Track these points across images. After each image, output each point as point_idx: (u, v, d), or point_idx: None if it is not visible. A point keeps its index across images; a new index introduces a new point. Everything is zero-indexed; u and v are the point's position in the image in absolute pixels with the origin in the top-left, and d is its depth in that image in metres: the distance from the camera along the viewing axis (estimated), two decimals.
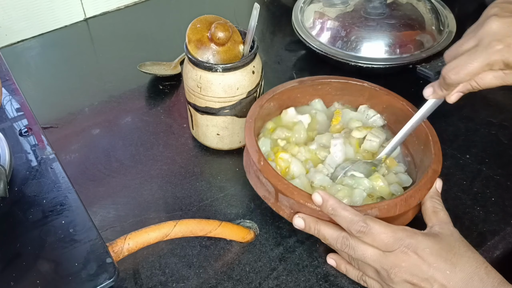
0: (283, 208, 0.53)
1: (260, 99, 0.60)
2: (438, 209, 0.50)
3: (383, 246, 0.45)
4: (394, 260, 0.45)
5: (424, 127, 0.57)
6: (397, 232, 0.46)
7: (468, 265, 0.44)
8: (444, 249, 0.45)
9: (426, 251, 0.45)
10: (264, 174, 0.52)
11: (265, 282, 0.53)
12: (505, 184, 0.63)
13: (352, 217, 0.46)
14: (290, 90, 0.63)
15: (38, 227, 0.48)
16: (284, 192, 0.50)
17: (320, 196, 0.48)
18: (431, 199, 0.51)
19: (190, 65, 0.61)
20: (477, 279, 0.43)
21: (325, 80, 0.64)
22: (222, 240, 0.57)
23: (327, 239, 0.49)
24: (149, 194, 0.62)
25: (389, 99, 0.62)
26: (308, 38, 0.80)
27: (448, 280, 0.44)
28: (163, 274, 0.54)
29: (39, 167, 0.54)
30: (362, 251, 0.47)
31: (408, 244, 0.45)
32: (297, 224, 0.51)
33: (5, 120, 0.60)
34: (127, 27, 0.94)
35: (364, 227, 0.46)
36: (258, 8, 0.58)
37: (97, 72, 0.84)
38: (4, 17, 0.85)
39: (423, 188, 0.51)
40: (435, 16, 0.82)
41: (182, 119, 0.73)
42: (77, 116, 0.74)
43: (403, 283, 0.45)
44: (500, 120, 0.72)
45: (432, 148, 0.55)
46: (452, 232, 0.48)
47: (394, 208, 0.49)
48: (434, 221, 0.49)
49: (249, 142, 0.55)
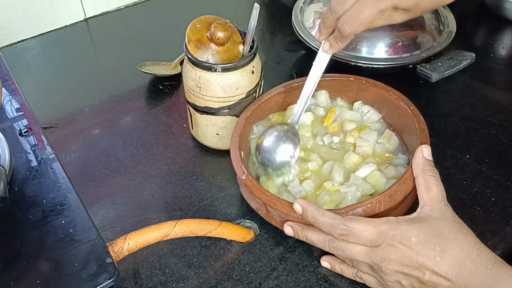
0: (274, 217, 0.54)
1: (246, 112, 0.61)
2: (431, 184, 0.48)
3: (368, 242, 0.45)
4: (382, 254, 0.45)
5: (412, 116, 0.56)
6: (380, 226, 0.45)
7: (458, 249, 0.43)
8: (432, 235, 0.44)
9: (412, 240, 0.44)
10: (249, 189, 0.53)
11: (265, 282, 0.53)
12: (505, 184, 0.63)
13: (331, 221, 0.47)
14: (276, 96, 0.63)
15: (38, 227, 0.48)
16: (268, 204, 0.52)
17: (300, 205, 0.49)
18: (423, 173, 0.49)
19: (189, 65, 0.61)
20: (470, 262, 0.43)
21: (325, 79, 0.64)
22: (222, 240, 0.57)
23: (315, 243, 0.50)
24: (149, 194, 0.62)
25: (376, 91, 0.62)
26: (308, 38, 0.80)
27: (440, 267, 0.43)
28: (163, 274, 0.54)
29: (39, 167, 0.54)
30: (350, 250, 0.47)
31: (393, 235, 0.44)
32: (287, 231, 0.52)
33: (5, 120, 0.60)
34: (127, 27, 0.94)
35: (345, 230, 0.46)
36: (258, 8, 0.58)
37: (97, 72, 0.84)
38: (4, 17, 0.85)
39: (408, 180, 0.50)
40: (435, 16, 0.82)
41: (182, 119, 0.73)
42: (77, 116, 0.74)
43: (396, 273, 0.45)
44: (500, 120, 0.72)
45: (419, 136, 0.54)
46: (443, 213, 0.46)
47: (378, 205, 0.49)
48: (426, 200, 0.48)
49: (234, 158, 0.56)
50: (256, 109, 0.61)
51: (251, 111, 0.61)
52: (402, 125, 0.59)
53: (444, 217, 0.46)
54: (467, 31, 0.90)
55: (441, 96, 0.76)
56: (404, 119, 0.58)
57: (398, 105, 0.58)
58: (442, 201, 0.48)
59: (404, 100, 0.58)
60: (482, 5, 0.94)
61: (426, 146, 0.51)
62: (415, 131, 0.55)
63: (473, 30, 0.92)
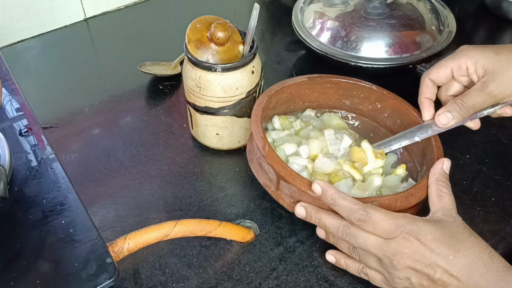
0: (283, 196, 0.53)
1: (269, 90, 0.60)
2: (443, 193, 0.49)
3: (384, 233, 0.45)
4: (397, 247, 0.45)
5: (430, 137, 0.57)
6: (398, 218, 0.45)
7: (471, 250, 0.44)
8: (446, 235, 0.45)
9: (428, 237, 0.44)
10: (268, 160, 0.52)
11: (265, 282, 0.53)
12: (505, 184, 0.63)
13: (351, 206, 0.46)
14: (298, 85, 0.63)
15: (38, 227, 0.48)
16: (286, 178, 0.50)
17: (320, 186, 0.48)
18: (437, 183, 0.50)
19: (189, 65, 0.61)
20: (481, 264, 0.43)
21: (334, 79, 0.64)
22: (222, 240, 0.57)
23: (328, 227, 0.49)
24: (149, 194, 0.62)
25: (394, 103, 0.61)
26: (308, 38, 0.80)
27: (452, 266, 0.43)
28: (163, 274, 0.54)
29: (39, 167, 0.54)
30: (364, 239, 0.46)
31: (410, 230, 0.45)
32: (299, 212, 0.51)
33: (5, 120, 0.60)
34: (127, 27, 0.94)
35: (364, 215, 0.45)
36: (258, 8, 0.58)
37: (97, 72, 0.84)
38: (4, 17, 0.85)
39: (424, 187, 0.51)
40: (435, 16, 0.82)
41: (182, 119, 0.73)
42: (77, 116, 0.74)
43: (407, 269, 0.45)
44: (500, 120, 0.71)
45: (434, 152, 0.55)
46: (455, 219, 0.47)
47: (394, 203, 0.49)
48: (437, 206, 0.49)
49: (255, 128, 0.55)
50: (279, 91, 0.61)
51: (274, 91, 0.60)
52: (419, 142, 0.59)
53: (456, 222, 0.47)
54: (467, 31, 0.90)
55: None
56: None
57: (415, 120, 0.59)
58: (452, 209, 0.48)
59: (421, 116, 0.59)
60: (482, 5, 0.94)
61: (448, 160, 0.52)
62: (431, 148, 0.55)
63: (473, 30, 0.92)
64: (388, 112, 0.63)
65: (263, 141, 0.54)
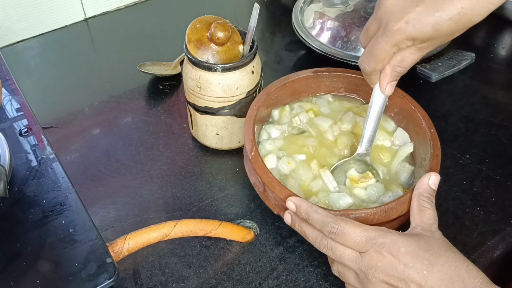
0: (269, 198, 0.54)
1: (268, 87, 0.60)
2: (424, 208, 0.48)
3: (356, 246, 0.45)
4: (370, 261, 0.44)
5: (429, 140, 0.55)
6: (369, 231, 0.45)
7: (447, 265, 0.43)
8: (421, 248, 0.44)
9: (401, 251, 0.43)
10: (253, 164, 0.53)
11: (265, 282, 0.53)
12: (505, 184, 0.63)
13: (323, 219, 0.46)
14: (303, 79, 0.62)
15: (38, 227, 0.48)
16: (267, 185, 0.51)
17: (293, 203, 0.49)
18: (419, 197, 0.49)
19: (189, 65, 0.61)
20: (458, 279, 0.42)
21: (342, 74, 0.63)
22: (222, 240, 0.57)
23: (308, 237, 0.49)
24: (149, 194, 0.62)
25: (402, 103, 0.60)
26: (308, 38, 0.80)
27: (426, 281, 0.42)
28: (163, 274, 0.54)
29: (39, 167, 0.54)
30: (340, 252, 0.46)
31: (382, 243, 0.44)
32: (286, 219, 0.51)
33: (5, 120, 0.60)
34: (127, 27, 0.94)
35: (335, 228, 0.45)
36: (258, 8, 0.58)
37: (97, 72, 0.84)
38: (4, 17, 0.85)
39: (407, 202, 0.50)
40: None
41: (182, 119, 0.73)
42: (77, 116, 0.74)
43: (381, 283, 0.44)
44: (500, 120, 0.72)
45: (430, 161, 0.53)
46: (433, 233, 0.46)
47: (372, 216, 0.49)
48: (417, 221, 0.48)
49: (247, 129, 0.56)
50: (280, 87, 0.61)
51: (275, 87, 0.60)
52: (418, 143, 0.58)
53: (434, 236, 0.46)
54: (467, 31, 0.90)
55: (441, 96, 0.76)
56: (421, 138, 0.57)
57: (419, 123, 0.57)
58: (433, 224, 0.47)
59: (426, 120, 0.57)
60: None
61: (436, 175, 0.50)
62: (428, 156, 0.54)
63: (473, 30, 0.91)
64: (396, 110, 0.62)
65: (251, 144, 0.54)
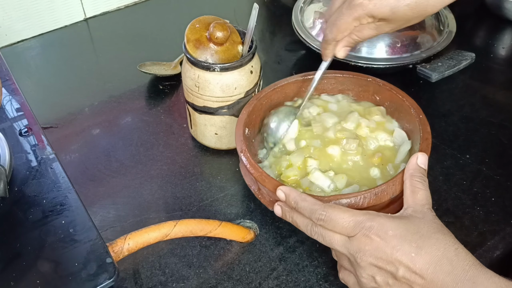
0: (264, 196, 0.55)
1: (259, 93, 0.61)
2: (417, 189, 0.48)
3: (345, 231, 0.45)
4: (358, 244, 0.44)
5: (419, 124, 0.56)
6: (357, 215, 0.45)
7: (435, 247, 0.43)
8: (409, 231, 0.44)
9: (388, 233, 0.43)
10: (244, 162, 0.54)
11: (265, 282, 0.53)
12: (505, 184, 0.63)
13: (311, 206, 0.47)
14: (293, 84, 0.63)
15: (38, 227, 0.48)
16: (259, 180, 0.52)
17: (282, 192, 0.50)
18: (411, 178, 0.49)
19: (188, 65, 0.61)
20: (446, 262, 0.42)
21: (330, 75, 0.64)
22: (222, 240, 0.57)
23: (300, 226, 0.49)
24: (149, 194, 0.62)
25: (391, 95, 0.62)
26: (308, 38, 0.80)
27: (414, 263, 0.42)
28: (163, 274, 0.54)
29: (39, 167, 0.54)
30: (329, 237, 0.46)
31: (369, 227, 0.44)
32: (276, 211, 0.52)
33: (5, 120, 0.60)
34: (127, 27, 0.94)
35: (323, 215, 0.46)
36: (257, 8, 0.58)
37: (97, 72, 0.84)
38: (4, 17, 0.85)
39: (397, 183, 0.50)
40: (435, 16, 0.82)
41: (182, 119, 0.73)
42: (77, 116, 0.74)
43: (370, 267, 0.44)
44: (500, 120, 0.72)
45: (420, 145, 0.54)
46: (425, 214, 0.46)
47: (362, 201, 0.49)
48: (409, 202, 0.48)
49: (237, 132, 0.57)
50: (270, 92, 0.62)
51: (265, 93, 0.61)
52: (411, 132, 0.59)
53: (425, 218, 0.46)
54: (467, 31, 0.90)
55: (441, 96, 0.76)
56: (412, 126, 0.58)
57: (409, 112, 0.59)
58: (425, 205, 0.47)
59: (415, 108, 0.59)
60: (482, 5, 0.94)
61: (423, 154, 0.51)
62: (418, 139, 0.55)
63: (473, 30, 0.92)
64: (387, 103, 0.63)
65: (241, 144, 0.55)
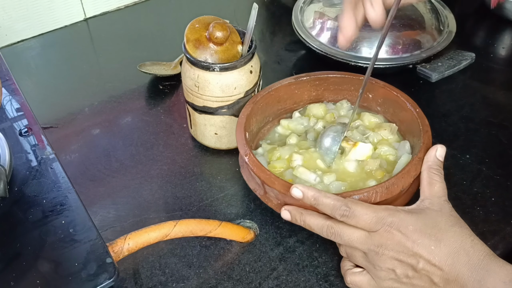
0: (271, 199, 0.55)
1: (255, 96, 0.61)
2: (434, 181, 0.50)
3: (367, 226, 0.46)
4: (380, 239, 0.45)
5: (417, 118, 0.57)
6: (379, 211, 0.46)
7: (453, 239, 0.44)
8: (428, 225, 0.45)
9: (409, 228, 0.45)
10: (250, 165, 0.53)
11: (265, 282, 0.53)
12: (505, 184, 0.63)
13: (334, 203, 0.47)
14: (286, 87, 0.63)
15: (38, 227, 0.48)
16: (267, 182, 0.52)
17: (299, 190, 0.49)
18: (429, 170, 0.51)
19: (188, 65, 0.61)
20: (463, 253, 0.44)
21: (322, 76, 0.64)
22: (222, 240, 0.57)
23: (313, 228, 0.50)
24: (149, 194, 0.62)
25: (385, 92, 0.62)
26: (308, 38, 0.80)
27: (434, 256, 0.44)
28: (163, 274, 0.54)
29: (39, 167, 0.54)
30: (348, 235, 0.47)
31: (391, 222, 0.45)
32: (284, 216, 0.52)
33: (5, 120, 0.60)
34: (127, 27, 0.94)
35: (347, 211, 0.46)
36: (257, 8, 0.58)
37: (97, 72, 0.84)
38: (4, 17, 0.85)
39: (407, 175, 0.51)
40: (435, 16, 0.82)
41: (182, 119, 0.73)
42: (77, 116, 0.74)
43: (391, 260, 0.45)
44: (500, 120, 0.72)
45: (421, 137, 0.55)
46: (442, 207, 0.47)
47: (374, 195, 0.49)
48: (426, 194, 0.49)
49: (238, 136, 0.57)
50: (266, 96, 0.62)
51: (260, 96, 0.61)
52: (408, 127, 0.60)
53: (442, 210, 0.47)
54: (467, 31, 0.90)
55: (441, 96, 0.76)
56: (409, 121, 0.59)
57: (405, 107, 0.59)
58: (442, 197, 0.49)
59: (410, 102, 0.59)
60: (482, 5, 0.94)
61: (442, 147, 0.52)
62: (419, 133, 0.56)
63: (473, 30, 0.92)
64: (380, 101, 0.63)
65: (245, 148, 0.55)
